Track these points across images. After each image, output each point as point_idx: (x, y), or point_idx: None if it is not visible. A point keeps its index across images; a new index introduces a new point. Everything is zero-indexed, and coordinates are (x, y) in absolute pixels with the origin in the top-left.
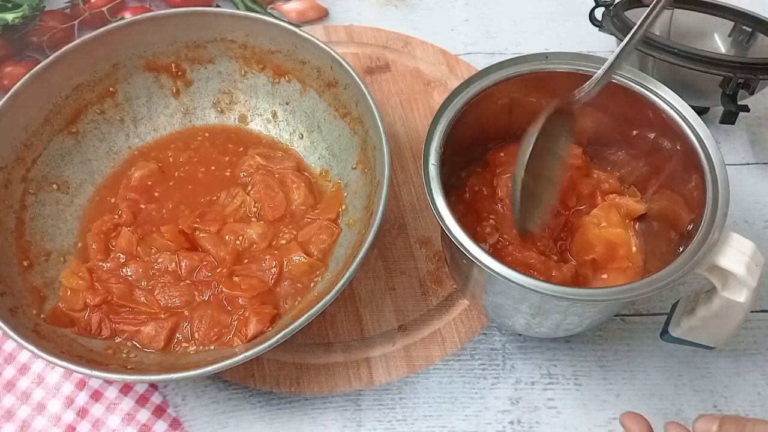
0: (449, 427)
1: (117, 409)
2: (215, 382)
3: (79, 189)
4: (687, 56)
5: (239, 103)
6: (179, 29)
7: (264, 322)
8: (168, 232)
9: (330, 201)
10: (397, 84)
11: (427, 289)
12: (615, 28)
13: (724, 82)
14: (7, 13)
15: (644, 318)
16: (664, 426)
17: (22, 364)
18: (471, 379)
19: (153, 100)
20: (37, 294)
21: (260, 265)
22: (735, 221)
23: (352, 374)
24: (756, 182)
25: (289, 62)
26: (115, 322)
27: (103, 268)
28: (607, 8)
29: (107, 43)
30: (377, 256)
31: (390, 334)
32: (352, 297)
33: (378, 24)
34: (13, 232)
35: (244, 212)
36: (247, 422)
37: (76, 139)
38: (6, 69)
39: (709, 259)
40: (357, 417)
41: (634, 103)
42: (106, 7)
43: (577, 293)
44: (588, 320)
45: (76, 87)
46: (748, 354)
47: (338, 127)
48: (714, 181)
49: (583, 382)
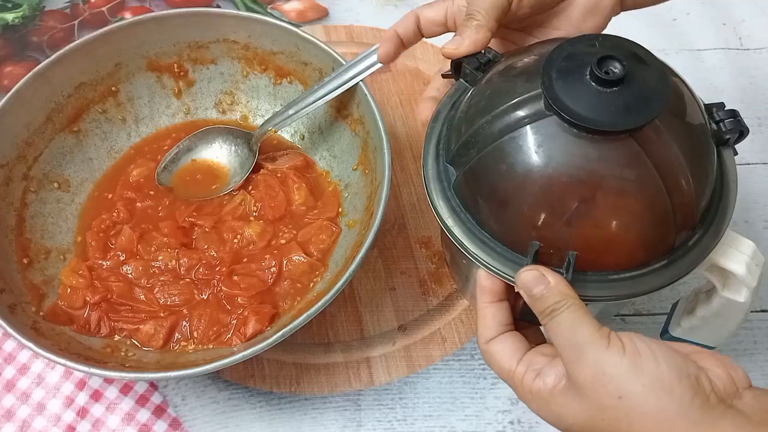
0: (449, 427)
1: (117, 409)
2: (215, 382)
3: (80, 188)
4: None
5: (241, 103)
6: (182, 29)
7: (263, 321)
8: (166, 227)
9: (328, 201)
10: (397, 84)
11: (427, 289)
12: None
13: None
14: (7, 13)
15: (644, 318)
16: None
17: (22, 364)
18: (471, 379)
19: (155, 100)
20: (37, 292)
21: (260, 265)
22: (735, 221)
23: (352, 374)
24: (756, 182)
25: (291, 63)
26: (114, 320)
27: (102, 266)
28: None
29: (110, 42)
30: (377, 256)
31: (390, 334)
32: (352, 297)
33: (378, 24)
34: (13, 230)
35: (243, 210)
36: (247, 422)
37: (77, 138)
38: (6, 69)
39: (709, 259)
40: (357, 417)
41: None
42: (106, 7)
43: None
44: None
45: (78, 86)
46: (748, 354)
47: (339, 129)
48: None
49: None
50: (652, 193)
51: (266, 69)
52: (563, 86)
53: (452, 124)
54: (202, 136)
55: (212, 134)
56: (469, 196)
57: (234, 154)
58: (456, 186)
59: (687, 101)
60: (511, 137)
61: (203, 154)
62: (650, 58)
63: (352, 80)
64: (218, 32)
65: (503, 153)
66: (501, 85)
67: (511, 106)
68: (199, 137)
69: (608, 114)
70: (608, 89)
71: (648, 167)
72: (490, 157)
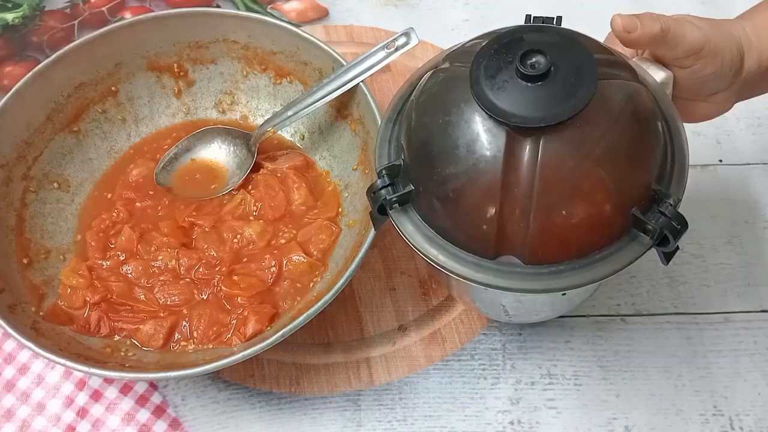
0: (449, 427)
1: (117, 409)
2: (215, 382)
3: (79, 188)
4: None
5: (241, 103)
6: (182, 29)
7: (263, 321)
8: (166, 227)
9: (328, 201)
10: (397, 84)
11: (427, 289)
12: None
13: None
14: (7, 13)
15: (644, 318)
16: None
17: (21, 363)
18: (471, 379)
19: (155, 100)
20: (37, 291)
21: (260, 265)
22: (735, 221)
23: (352, 374)
24: (756, 182)
25: (290, 63)
26: (114, 320)
27: (102, 266)
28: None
29: (110, 42)
30: (377, 256)
31: (390, 334)
32: (352, 297)
33: (378, 24)
34: (13, 230)
35: (243, 210)
36: (247, 422)
37: (77, 138)
38: (6, 69)
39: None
40: (357, 417)
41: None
42: (106, 7)
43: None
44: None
45: (78, 86)
46: (748, 354)
47: (339, 129)
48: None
49: (583, 382)
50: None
51: (266, 69)
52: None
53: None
54: (201, 136)
55: (211, 134)
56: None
57: (233, 154)
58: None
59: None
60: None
61: (202, 153)
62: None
63: (352, 81)
64: (218, 32)
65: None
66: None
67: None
68: (197, 137)
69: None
70: (533, 84)
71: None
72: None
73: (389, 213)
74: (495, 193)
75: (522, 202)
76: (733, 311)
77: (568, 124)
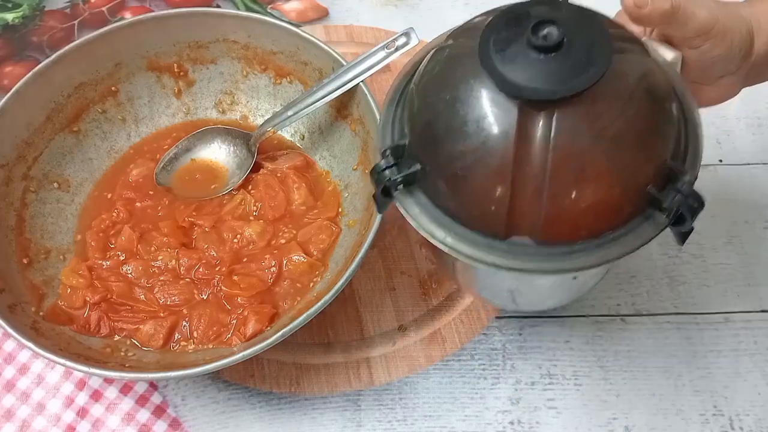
0: (449, 427)
1: (117, 409)
2: (215, 382)
3: (79, 188)
4: None
5: (241, 103)
6: (182, 29)
7: (263, 321)
8: (166, 227)
9: (328, 201)
10: None
11: (427, 289)
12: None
13: None
14: (7, 13)
15: (644, 318)
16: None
17: (21, 363)
18: (471, 379)
19: (155, 100)
20: (36, 291)
21: (260, 265)
22: (735, 221)
23: (352, 374)
24: (756, 182)
25: (290, 63)
26: (114, 320)
27: (102, 266)
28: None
29: (110, 42)
30: (377, 256)
31: (390, 334)
32: (352, 297)
33: (378, 24)
34: (13, 230)
35: (243, 210)
36: (247, 422)
37: (77, 138)
38: (6, 69)
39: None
40: (357, 417)
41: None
42: (106, 7)
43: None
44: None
45: (78, 86)
46: (748, 354)
47: (339, 129)
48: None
49: (583, 382)
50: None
51: (266, 69)
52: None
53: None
54: (201, 136)
55: (211, 134)
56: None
57: (232, 154)
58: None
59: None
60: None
61: (202, 153)
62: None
63: (352, 81)
64: (218, 32)
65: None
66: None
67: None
68: (197, 137)
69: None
70: (546, 56)
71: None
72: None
73: (393, 195)
74: (506, 170)
75: (535, 179)
76: (733, 311)
77: (583, 98)
